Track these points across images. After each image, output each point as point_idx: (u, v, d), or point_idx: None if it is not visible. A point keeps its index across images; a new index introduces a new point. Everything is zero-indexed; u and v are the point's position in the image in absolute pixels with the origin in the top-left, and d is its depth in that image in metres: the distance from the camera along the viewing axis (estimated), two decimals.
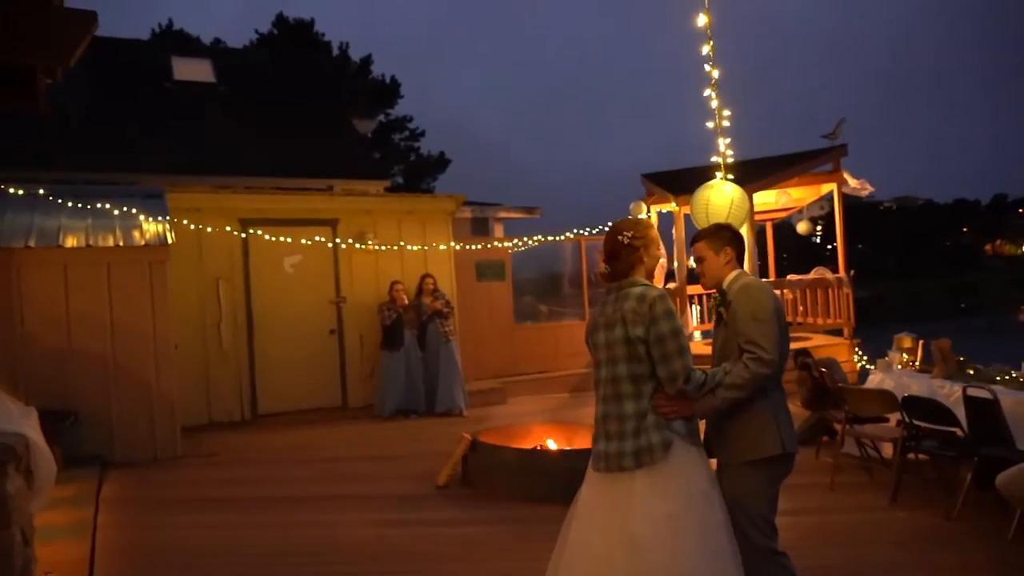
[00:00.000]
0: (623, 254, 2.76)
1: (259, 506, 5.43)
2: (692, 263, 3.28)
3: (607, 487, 2.64)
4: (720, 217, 3.65)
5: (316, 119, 15.00)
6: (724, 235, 3.06)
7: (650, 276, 2.85)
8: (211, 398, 8.54)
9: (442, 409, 8.89)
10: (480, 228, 15.69)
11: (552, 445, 5.91)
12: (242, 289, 8.84)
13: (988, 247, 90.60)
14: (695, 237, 3.14)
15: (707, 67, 3.63)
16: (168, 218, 7.38)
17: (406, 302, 9.01)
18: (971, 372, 5.61)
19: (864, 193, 10.39)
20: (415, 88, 44.02)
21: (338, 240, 9.08)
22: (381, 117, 33.06)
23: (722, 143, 3.93)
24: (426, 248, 9.61)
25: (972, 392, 4.77)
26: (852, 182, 10.24)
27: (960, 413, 4.81)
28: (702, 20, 3.47)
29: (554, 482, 5.27)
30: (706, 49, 3.46)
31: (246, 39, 33.19)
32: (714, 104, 3.81)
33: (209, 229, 8.27)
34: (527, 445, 5.87)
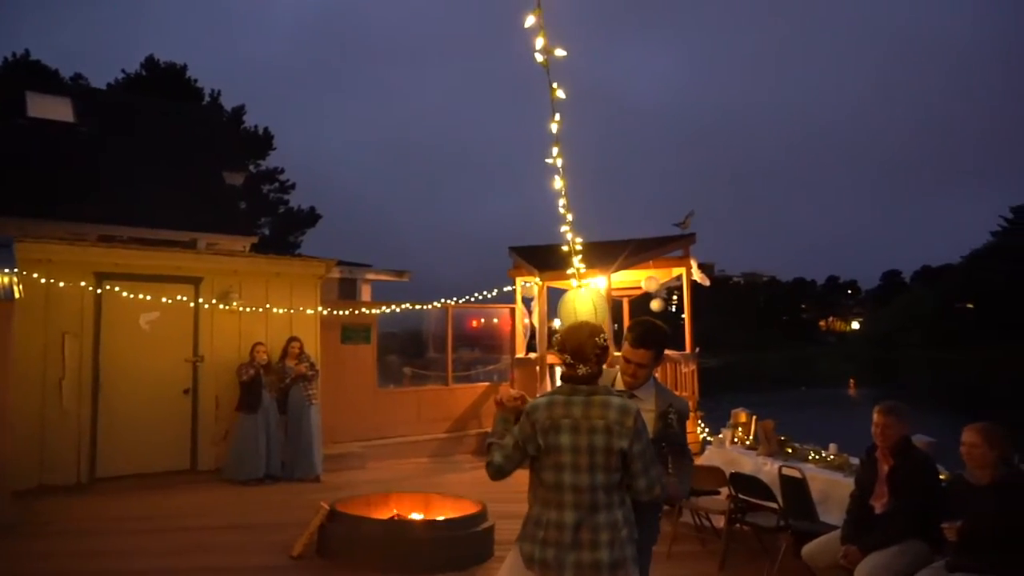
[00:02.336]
0: (596, 356, 2.75)
1: None
2: (625, 362, 3.19)
3: None
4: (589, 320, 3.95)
5: (183, 168, 14.64)
6: (664, 349, 3.20)
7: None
8: (44, 459, 7.98)
9: (299, 474, 8.76)
10: (348, 289, 15.66)
11: (412, 515, 6.02)
12: (91, 345, 8.42)
13: (822, 323, 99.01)
14: (643, 341, 3.12)
15: (561, 208, 4.02)
16: (16, 270, 7.02)
17: (267, 361, 8.89)
18: (789, 451, 6.26)
19: (706, 283, 11.33)
20: (287, 140, 43.50)
21: (201, 300, 8.88)
22: (252, 167, 32.44)
23: (576, 261, 4.32)
24: (292, 311, 9.56)
25: (786, 471, 5.36)
26: (696, 273, 11.18)
27: (778, 488, 5.37)
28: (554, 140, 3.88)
29: (413, 553, 5.40)
30: (561, 197, 3.83)
31: (111, 77, 31.77)
32: (569, 236, 4.21)
33: (62, 284, 7.88)
34: (386, 514, 5.95)
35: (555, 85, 3.56)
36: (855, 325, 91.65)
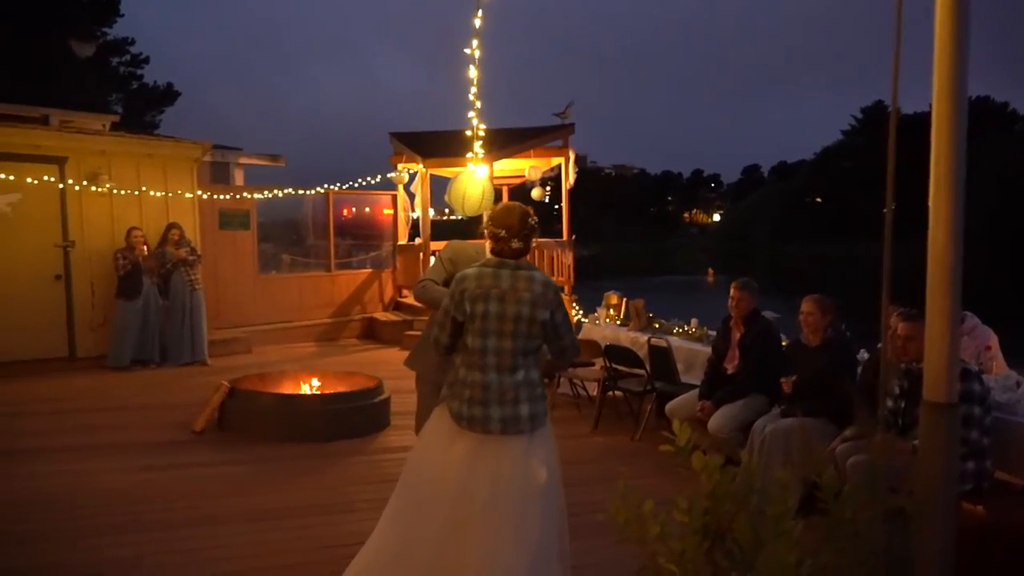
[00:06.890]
0: (528, 235, 2.99)
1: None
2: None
3: (491, 447, 2.91)
4: (474, 206, 4.20)
5: (21, 34, 13.33)
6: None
7: None
8: None
9: (187, 359, 8.81)
10: (220, 173, 15.07)
11: (308, 390, 6.32)
12: None
13: (687, 215, 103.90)
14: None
15: (472, 96, 4.20)
16: None
17: (145, 249, 8.69)
18: (656, 326, 6.97)
19: (568, 184, 11.82)
20: (137, 7, 39.54)
21: (71, 182, 8.46)
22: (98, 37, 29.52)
23: (478, 146, 4.56)
24: (168, 195, 9.27)
25: (654, 342, 6.04)
26: (571, 170, 11.69)
27: (647, 358, 6.05)
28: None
29: (310, 424, 5.75)
30: (473, 86, 3.97)
31: None
32: (475, 122, 4.43)
33: None
34: (284, 391, 6.23)
35: None
36: (716, 217, 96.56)
